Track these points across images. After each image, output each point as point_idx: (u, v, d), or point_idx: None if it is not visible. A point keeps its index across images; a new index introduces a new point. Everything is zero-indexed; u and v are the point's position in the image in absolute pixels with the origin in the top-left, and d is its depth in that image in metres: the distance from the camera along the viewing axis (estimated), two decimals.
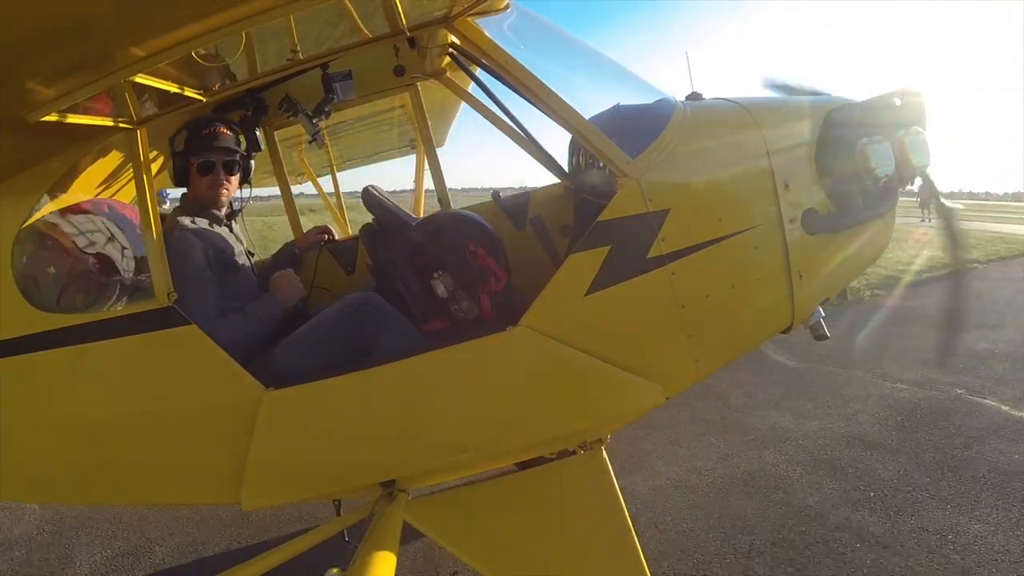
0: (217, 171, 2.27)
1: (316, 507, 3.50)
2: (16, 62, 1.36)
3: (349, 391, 1.94)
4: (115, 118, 1.95)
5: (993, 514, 3.16)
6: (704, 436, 4.37)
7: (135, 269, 2.28)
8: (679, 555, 3.02)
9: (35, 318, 1.91)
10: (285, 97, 2.63)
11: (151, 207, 1.91)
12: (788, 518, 3.27)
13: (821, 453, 3.99)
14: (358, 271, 3.10)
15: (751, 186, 2.03)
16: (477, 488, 2.25)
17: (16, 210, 2.00)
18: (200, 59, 1.84)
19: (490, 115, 2.71)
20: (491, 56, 2.04)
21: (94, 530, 3.64)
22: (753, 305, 2.07)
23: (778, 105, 2.24)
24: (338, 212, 5.71)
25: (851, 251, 2.20)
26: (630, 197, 1.89)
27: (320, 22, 1.99)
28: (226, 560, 3.26)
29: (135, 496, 2.35)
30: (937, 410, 4.51)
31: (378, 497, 2.08)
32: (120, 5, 1.30)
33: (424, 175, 4.71)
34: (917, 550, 2.92)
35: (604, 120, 2.30)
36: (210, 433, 1.97)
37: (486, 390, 1.97)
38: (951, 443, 3.96)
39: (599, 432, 2.17)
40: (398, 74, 2.49)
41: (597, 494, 1.96)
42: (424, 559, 3.10)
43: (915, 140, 2.07)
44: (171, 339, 1.88)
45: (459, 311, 2.15)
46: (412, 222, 2.38)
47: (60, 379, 1.96)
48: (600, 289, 1.88)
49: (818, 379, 5.35)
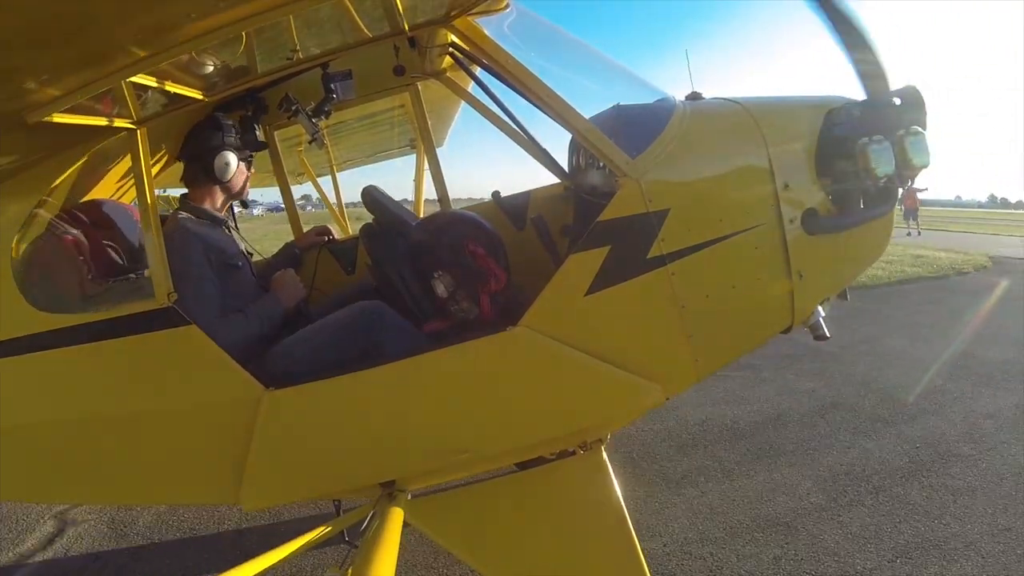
0: (250, 166, 2.44)
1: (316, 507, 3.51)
2: (17, 62, 1.36)
3: (349, 391, 1.94)
4: (115, 118, 1.95)
5: None
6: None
7: (135, 269, 2.28)
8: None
9: (35, 318, 1.91)
10: (285, 97, 2.63)
11: (151, 207, 1.91)
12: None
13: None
14: (358, 271, 3.10)
15: (751, 186, 2.03)
16: (477, 488, 2.25)
17: (16, 210, 2.00)
18: (200, 59, 1.85)
19: (490, 115, 2.71)
20: (491, 56, 2.04)
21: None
22: (753, 305, 2.07)
23: (778, 105, 2.24)
24: (338, 212, 5.71)
25: (851, 251, 2.20)
26: (630, 197, 1.89)
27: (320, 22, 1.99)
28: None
29: (135, 496, 2.36)
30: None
31: (378, 497, 2.08)
32: (120, 5, 1.30)
33: (424, 175, 4.72)
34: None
35: (604, 120, 2.30)
36: (210, 433, 1.97)
37: (486, 390, 1.97)
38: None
39: (599, 432, 2.17)
40: (398, 74, 2.49)
41: (597, 494, 1.96)
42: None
43: (915, 140, 2.06)
44: (171, 339, 1.88)
45: (459, 311, 2.15)
46: (412, 222, 2.38)
47: (60, 379, 1.96)
48: (600, 289, 1.88)
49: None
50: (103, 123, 1.92)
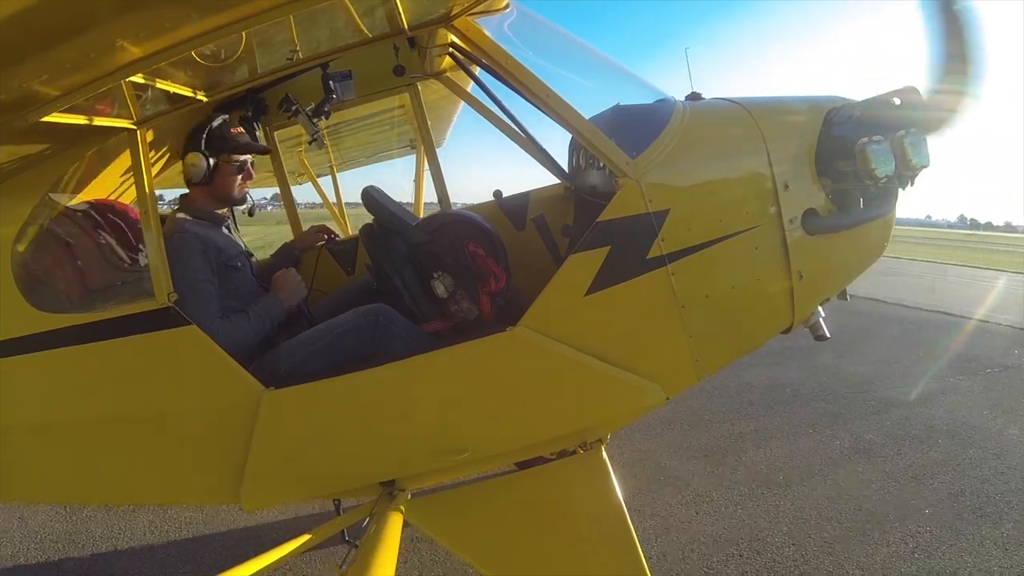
0: (248, 171, 2.33)
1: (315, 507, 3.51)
2: (17, 62, 1.36)
3: (349, 391, 1.94)
4: (115, 118, 1.95)
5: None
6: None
7: (135, 269, 2.28)
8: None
9: (35, 318, 1.91)
10: (285, 97, 2.63)
11: (151, 207, 1.91)
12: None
13: None
14: (358, 271, 3.10)
15: (751, 186, 2.03)
16: (477, 488, 2.25)
17: (16, 210, 2.00)
18: (200, 59, 1.84)
19: (490, 115, 2.71)
20: (491, 56, 2.04)
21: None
22: (753, 305, 2.07)
23: (778, 105, 2.24)
24: (338, 212, 5.71)
25: (851, 251, 2.20)
26: (630, 197, 1.89)
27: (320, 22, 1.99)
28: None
29: (135, 496, 2.36)
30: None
31: (378, 497, 2.08)
32: (120, 5, 1.30)
33: (424, 175, 4.72)
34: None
35: (604, 120, 2.30)
36: (210, 433, 1.97)
37: (486, 390, 1.97)
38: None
39: (599, 432, 2.16)
40: (398, 74, 2.49)
41: (597, 494, 1.96)
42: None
43: (915, 140, 2.06)
44: (171, 339, 1.88)
45: (459, 312, 2.15)
46: (412, 222, 2.38)
47: (60, 379, 1.96)
48: (600, 289, 1.88)
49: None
50: (103, 123, 1.92)
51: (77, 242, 2.14)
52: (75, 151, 2.09)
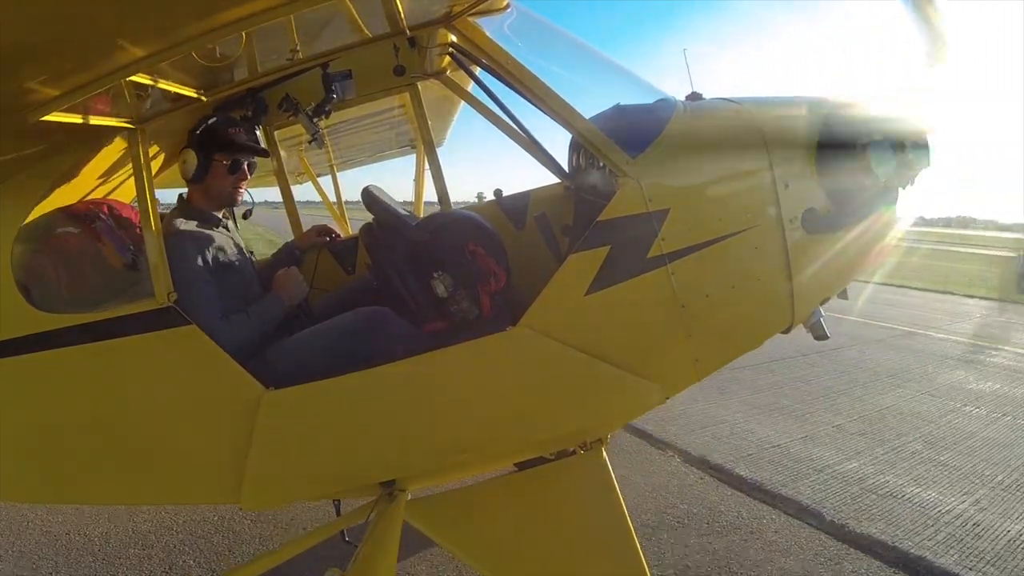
0: (243, 172, 2.29)
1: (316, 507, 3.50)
2: (17, 62, 1.36)
3: (349, 391, 1.94)
4: (115, 118, 1.95)
5: None
6: None
7: (135, 269, 2.27)
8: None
9: (35, 318, 1.90)
10: (285, 97, 2.62)
11: (151, 207, 1.90)
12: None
13: None
14: (358, 271, 3.10)
15: (751, 186, 2.03)
16: (477, 488, 2.25)
17: (16, 210, 2.00)
18: (200, 59, 1.84)
19: (490, 115, 2.71)
20: (491, 56, 2.04)
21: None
22: (753, 305, 2.07)
23: (778, 105, 2.24)
24: (338, 212, 5.71)
25: (852, 251, 2.20)
26: (630, 197, 1.89)
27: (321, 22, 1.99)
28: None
29: (135, 496, 2.36)
30: None
31: (378, 497, 2.08)
32: (120, 5, 1.30)
33: (424, 175, 4.71)
34: None
35: (604, 120, 2.30)
36: (210, 433, 1.96)
37: (486, 390, 1.97)
38: None
39: (599, 432, 2.16)
40: (398, 74, 2.48)
41: (597, 494, 1.96)
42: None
43: (915, 140, 2.06)
44: (171, 339, 1.87)
45: (459, 311, 2.14)
46: (412, 222, 2.38)
47: (60, 379, 1.95)
48: (600, 289, 1.88)
49: None
50: (103, 123, 1.92)
51: (77, 242, 2.14)
52: (75, 151, 2.08)
